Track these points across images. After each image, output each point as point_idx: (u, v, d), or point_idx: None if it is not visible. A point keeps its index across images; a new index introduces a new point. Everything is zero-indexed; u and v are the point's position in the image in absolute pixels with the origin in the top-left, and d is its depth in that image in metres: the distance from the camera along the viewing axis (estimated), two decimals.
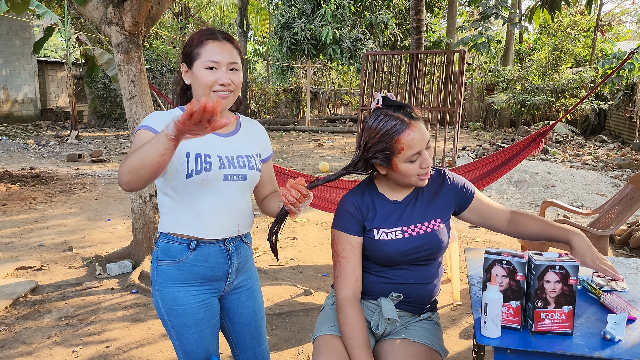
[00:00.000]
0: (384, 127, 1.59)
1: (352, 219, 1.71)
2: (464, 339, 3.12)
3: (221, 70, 1.58)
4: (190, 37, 1.64)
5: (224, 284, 1.75)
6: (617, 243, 5.10)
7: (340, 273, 1.70)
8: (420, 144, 1.59)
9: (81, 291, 3.84)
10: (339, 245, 1.71)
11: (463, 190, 1.77)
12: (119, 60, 4.02)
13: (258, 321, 1.89)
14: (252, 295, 1.86)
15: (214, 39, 1.59)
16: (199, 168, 1.58)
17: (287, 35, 14.47)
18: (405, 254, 1.68)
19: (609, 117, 16.01)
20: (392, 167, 1.65)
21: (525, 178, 7.82)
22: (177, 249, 1.65)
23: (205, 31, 1.62)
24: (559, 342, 1.34)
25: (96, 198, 7.12)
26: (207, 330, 1.73)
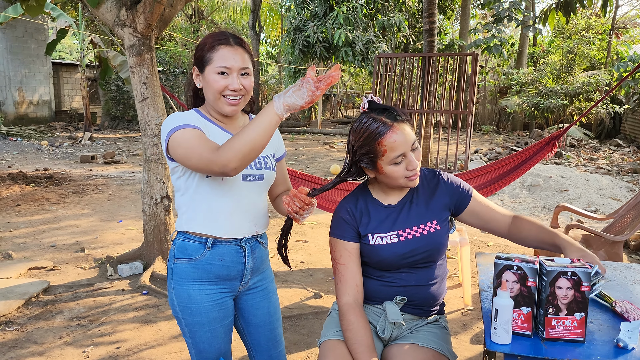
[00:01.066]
0: (367, 130, 1.60)
1: (346, 226, 1.72)
2: (475, 344, 3.08)
3: (233, 75, 1.59)
4: (203, 41, 1.64)
5: (239, 284, 1.77)
6: (631, 249, 5.02)
7: (339, 280, 1.70)
8: (404, 146, 1.59)
9: (92, 292, 3.87)
10: (336, 253, 1.72)
11: (459, 190, 1.75)
12: (131, 63, 4.04)
13: (273, 323, 1.89)
14: (266, 296, 1.86)
15: (226, 44, 1.59)
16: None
17: (299, 38, 14.48)
18: (402, 257, 1.67)
19: (625, 120, 15.81)
20: (378, 170, 1.65)
21: (538, 182, 7.74)
22: (194, 247, 1.67)
23: (217, 35, 1.62)
24: (570, 349, 1.32)
25: (108, 199, 7.17)
26: (220, 330, 1.73)
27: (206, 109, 1.71)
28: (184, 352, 2.98)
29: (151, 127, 4.11)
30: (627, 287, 1.74)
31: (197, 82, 1.66)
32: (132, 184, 8.32)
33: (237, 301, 1.84)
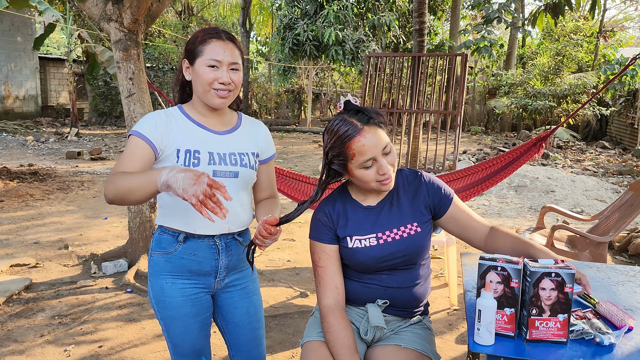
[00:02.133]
0: (337, 132, 1.57)
1: (324, 228, 1.70)
2: (460, 344, 3.09)
3: (222, 69, 1.61)
4: (195, 34, 1.66)
5: (214, 280, 1.76)
6: (616, 249, 5.06)
7: (319, 282, 1.69)
8: (373, 150, 1.55)
9: (75, 290, 3.82)
10: (315, 255, 1.71)
11: (440, 192, 1.71)
12: (117, 58, 3.99)
13: (254, 323, 1.87)
14: (246, 295, 1.84)
15: (217, 38, 1.62)
16: (187, 163, 1.61)
17: (289, 36, 14.44)
18: (380, 260, 1.65)
19: (611, 123, 15.98)
20: (349, 173, 1.62)
21: (525, 183, 7.79)
22: (168, 241, 1.69)
23: (209, 30, 1.65)
24: (553, 350, 1.31)
25: (94, 196, 7.10)
26: (193, 326, 1.73)
27: (192, 104, 1.71)
28: (166, 352, 2.95)
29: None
30: (610, 288, 1.74)
31: (187, 74, 1.67)
32: None
33: (215, 298, 1.83)
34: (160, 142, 1.60)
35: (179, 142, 1.62)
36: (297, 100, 21.74)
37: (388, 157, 1.60)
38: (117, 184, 1.45)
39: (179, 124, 1.66)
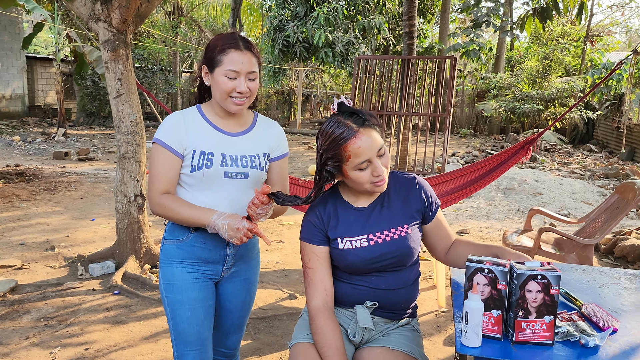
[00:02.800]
0: (332, 135, 1.58)
1: (314, 229, 1.70)
2: (448, 346, 3.10)
3: (240, 78, 1.68)
4: (214, 42, 1.72)
5: (222, 268, 1.85)
6: (602, 252, 5.12)
7: (308, 284, 1.70)
8: (369, 152, 1.57)
9: (62, 291, 3.78)
10: (305, 256, 1.72)
11: (430, 200, 1.74)
12: (106, 58, 3.97)
13: (244, 311, 1.99)
14: (247, 286, 1.95)
15: (236, 48, 1.67)
16: (200, 164, 1.72)
17: (279, 38, 14.43)
18: (370, 262, 1.66)
19: (597, 126, 16.15)
20: (344, 175, 1.63)
21: (513, 185, 7.85)
22: (180, 230, 1.80)
23: (228, 38, 1.70)
24: (539, 352, 1.32)
25: (81, 197, 7.04)
26: (200, 311, 1.80)
27: (210, 105, 1.81)
28: (154, 354, 2.93)
29: (125, 124, 4.04)
30: (595, 290, 1.76)
31: (206, 80, 1.74)
32: (106, 182, 8.18)
33: (218, 286, 1.91)
34: (181, 146, 1.73)
35: (196, 144, 1.73)
36: (287, 101, 21.73)
37: (382, 159, 1.61)
38: (166, 209, 1.71)
39: (197, 126, 1.76)
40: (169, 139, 1.72)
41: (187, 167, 1.74)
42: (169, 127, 1.73)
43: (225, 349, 2.03)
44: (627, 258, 4.84)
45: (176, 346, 1.83)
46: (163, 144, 1.72)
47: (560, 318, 1.46)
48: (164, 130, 1.73)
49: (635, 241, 4.89)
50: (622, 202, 3.80)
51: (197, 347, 1.82)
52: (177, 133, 1.72)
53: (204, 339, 1.83)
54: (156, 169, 1.73)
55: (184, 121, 1.75)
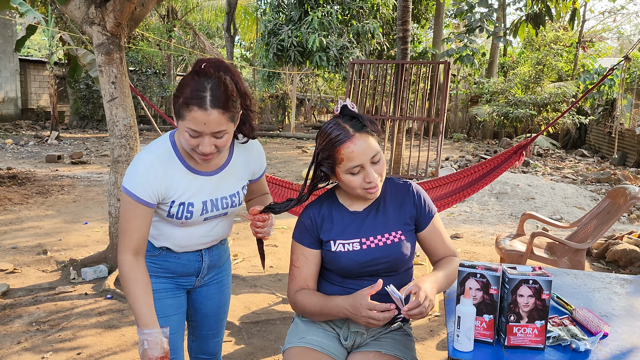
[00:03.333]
0: (329, 136, 1.59)
1: (306, 232, 1.72)
2: (441, 350, 3.11)
3: (203, 138, 1.48)
4: (181, 86, 1.48)
5: (195, 279, 1.83)
6: (594, 256, 5.15)
7: (292, 280, 1.75)
8: (362, 157, 1.57)
9: (54, 296, 3.76)
10: (294, 255, 1.76)
11: (423, 207, 1.73)
12: (100, 61, 3.96)
13: (220, 315, 1.96)
14: (220, 288, 1.93)
15: (199, 107, 1.43)
16: (180, 215, 1.64)
17: (273, 42, 14.44)
18: (362, 265, 1.66)
19: (590, 131, 16.26)
20: (336, 177, 1.65)
21: (506, 190, 7.88)
22: (151, 245, 1.75)
23: (194, 89, 1.44)
24: (530, 356, 1.33)
25: (74, 200, 7.00)
26: (174, 318, 1.78)
27: None
28: None
29: (119, 127, 4.03)
30: (587, 295, 1.78)
31: (175, 123, 1.55)
32: (99, 185, 8.14)
33: (191, 292, 1.89)
34: (157, 197, 1.58)
35: (174, 195, 1.61)
36: (281, 105, 21.74)
37: (376, 166, 1.61)
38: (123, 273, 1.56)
39: (174, 172, 1.60)
40: (141, 192, 1.54)
41: (164, 212, 1.64)
42: (142, 177, 1.54)
43: (206, 355, 2.00)
44: (619, 262, 4.87)
45: None
46: (135, 197, 1.54)
47: (551, 322, 1.47)
48: (136, 181, 1.54)
49: (626, 246, 4.92)
50: (613, 206, 3.83)
51: (172, 355, 1.77)
52: (152, 184, 1.55)
53: (177, 347, 1.80)
54: (127, 223, 1.56)
55: (160, 169, 1.57)
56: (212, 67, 1.48)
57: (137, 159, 1.58)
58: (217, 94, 1.44)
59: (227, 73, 1.49)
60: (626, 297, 1.77)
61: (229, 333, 3.25)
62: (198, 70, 1.47)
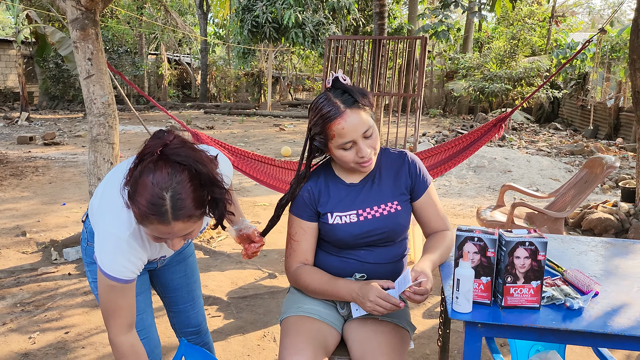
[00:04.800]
0: (320, 112, 1.57)
1: (304, 205, 1.72)
2: (427, 319, 3.18)
3: (172, 239, 1.34)
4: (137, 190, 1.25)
5: (156, 263, 1.80)
6: (570, 225, 5.29)
7: (290, 254, 1.75)
8: (353, 133, 1.55)
9: (37, 277, 3.71)
10: (292, 229, 1.75)
11: (418, 176, 1.73)
12: (74, 37, 3.85)
13: (190, 285, 1.94)
14: (182, 260, 1.91)
15: (160, 222, 1.25)
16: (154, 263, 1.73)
17: (248, 18, 14.21)
18: (359, 237, 1.68)
19: (562, 105, 16.55)
20: (329, 151, 1.65)
21: (483, 163, 8.00)
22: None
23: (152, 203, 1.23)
24: (527, 315, 1.37)
25: (50, 182, 6.86)
26: (139, 298, 1.72)
27: None
28: None
29: (97, 105, 3.94)
30: (575, 257, 1.83)
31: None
32: (75, 166, 7.98)
33: (155, 272, 1.88)
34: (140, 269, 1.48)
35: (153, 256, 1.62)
36: (256, 83, 21.51)
37: (369, 140, 1.60)
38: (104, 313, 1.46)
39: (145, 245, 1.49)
40: (126, 274, 1.42)
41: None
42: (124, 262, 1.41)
43: (191, 327, 1.99)
44: (594, 231, 5.01)
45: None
46: (121, 281, 1.42)
47: (545, 283, 1.52)
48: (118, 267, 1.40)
49: (601, 214, 5.06)
50: (590, 176, 3.93)
51: (143, 336, 1.71)
52: (135, 264, 1.45)
53: (147, 325, 1.76)
54: (114, 304, 1.43)
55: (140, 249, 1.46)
56: (173, 157, 1.24)
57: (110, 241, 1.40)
58: (180, 204, 1.24)
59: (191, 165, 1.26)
60: (611, 259, 1.83)
61: (218, 308, 3.26)
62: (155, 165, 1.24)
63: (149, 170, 1.23)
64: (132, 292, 1.47)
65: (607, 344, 1.35)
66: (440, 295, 3.04)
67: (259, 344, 2.85)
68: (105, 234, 1.40)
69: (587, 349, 2.77)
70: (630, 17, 26.96)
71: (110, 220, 1.41)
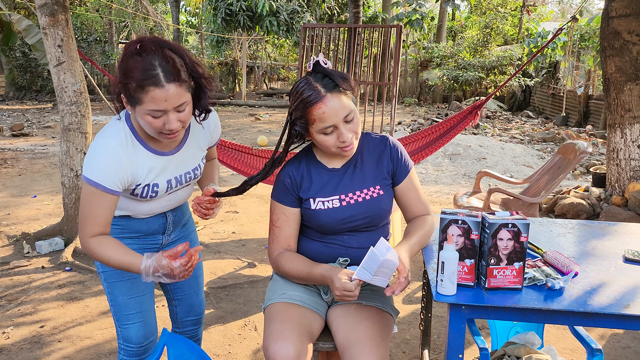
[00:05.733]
0: (301, 96, 1.56)
1: (286, 191, 1.71)
2: (407, 304, 3.20)
3: (167, 115, 1.44)
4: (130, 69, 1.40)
5: (162, 237, 1.81)
6: (543, 211, 5.39)
7: (272, 240, 1.74)
8: (334, 118, 1.54)
9: (8, 270, 3.61)
10: (274, 215, 1.74)
11: (402, 161, 1.73)
12: (43, 24, 3.73)
13: (196, 270, 1.93)
14: (187, 235, 1.91)
15: (155, 85, 1.38)
16: (145, 194, 1.63)
17: (221, 6, 14.02)
18: (341, 222, 1.67)
19: (534, 93, 16.80)
20: (310, 136, 1.63)
21: (459, 151, 8.08)
22: None
23: (144, 70, 1.38)
24: (510, 296, 1.39)
25: (19, 174, 6.68)
26: (138, 281, 1.73)
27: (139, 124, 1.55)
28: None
29: (68, 93, 3.84)
30: (554, 239, 1.86)
31: (128, 109, 1.49)
32: (45, 158, 7.79)
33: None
34: (122, 185, 1.54)
35: (139, 179, 1.58)
36: (231, 73, 21.26)
37: (350, 124, 1.59)
38: (95, 255, 1.53)
39: (138, 156, 1.56)
40: (107, 181, 1.49)
41: (127, 192, 1.60)
42: (106, 165, 1.49)
43: (193, 315, 2.00)
44: (567, 215, 5.12)
45: (118, 321, 1.76)
46: (101, 187, 1.49)
47: (526, 265, 1.54)
48: (100, 170, 1.48)
49: (573, 199, 5.17)
50: (564, 162, 4.00)
51: (139, 318, 1.75)
52: (118, 172, 1.50)
53: (145, 309, 1.78)
54: (89, 210, 1.51)
55: (125, 155, 1.52)
56: (151, 44, 1.41)
57: (98, 147, 1.51)
58: (168, 68, 1.40)
59: (167, 46, 1.44)
60: (589, 240, 1.87)
61: None
62: (138, 50, 1.41)
63: (135, 54, 1.41)
64: (110, 206, 1.53)
65: (588, 322, 1.38)
66: (421, 281, 3.07)
67: (239, 334, 2.83)
68: (95, 144, 1.52)
69: (563, 330, 2.84)
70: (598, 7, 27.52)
71: (101, 134, 1.55)
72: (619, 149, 4.95)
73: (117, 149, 1.51)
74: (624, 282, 1.50)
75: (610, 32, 4.81)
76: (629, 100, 4.80)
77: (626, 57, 4.74)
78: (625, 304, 1.36)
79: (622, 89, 4.80)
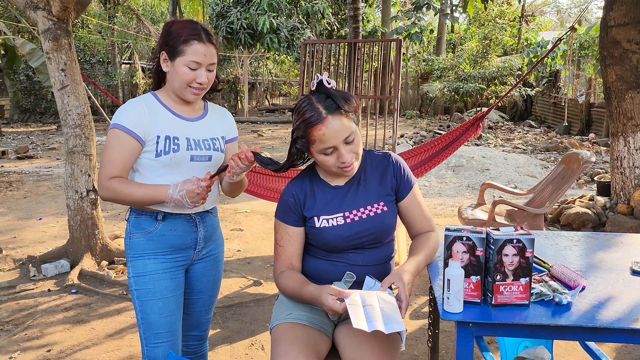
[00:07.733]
0: (303, 116, 1.57)
1: (289, 210, 1.71)
2: (415, 320, 3.18)
3: (201, 70, 1.70)
4: (177, 30, 1.70)
5: (193, 252, 1.86)
6: (549, 221, 5.37)
7: (276, 259, 1.75)
8: (334, 140, 1.55)
9: (15, 294, 3.61)
10: (278, 234, 1.75)
11: (403, 177, 1.74)
12: (47, 48, 3.77)
13: (214, 290, 2.00)
14: (216, 264, 1.97)
15: (199, 40, 1.68)
16: (167, 149, 1.71)
17: (222, 25, 14.12)
18: (347, 239, 1.67)
19: (535, 103, 16.83)
20: (311, 155, 1.65)
21: (462, 163, 8.08)
22: (147, 222, 1.77)
23: (191, 28, 1.70)
24: (517, 313, 1.38)
25: (25, 196, 6.71)
26: (171, 300, 1.79)
27: (165, 91, 1.80)
28: (121, 350, 2.86)
29: (72, 117, 3.87)
30: (560, 252, 1.85)
31: (164, 66, 1.73)
32: (50, 179, 7.82)
33: (188, 269, 1.91)
34: (145, 132, 1.70)
35: (160, 130, 1.72)
36: (233, 90, 21.39)
37: (350, 145, 1.59)
38: (116, 192, 1.66)
39: (158, 111, 1.75)
40: (132, 125, 1.68)
41: (151, 152, 1.71)
42: (132, 112, 1.70)
43: (198, 331, 2.03)
44: (573, 225, 5.10)
45: (145, 340, 1.78)
46: (125, 129, 1.68)
47: (532, 280, 1.53)
48: (126, 116, 1.69)
49: (579, 209, 5.15)
50: (568, 171, 4.00)
51: (167, 338, 1.79)
52: (141, 119, 1.69)
53: (174, 329, 1.81)
54: (112, 155, 1.69)
55: (147, 107, 1.73)
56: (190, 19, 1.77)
57: (124, 105, 1.75)
58: (208, 32, 1.73)
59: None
60: (595, 253, 1.86)
61: None
62: (182, 20, 1.75)
63: (182, 21, 1.73)
64: (131, 153, 1.69)
65: (596, 337, 1.37)
66: (427, 296, 3.06)
67: (246, 353, 2.82)
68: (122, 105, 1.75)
69: (573, 344, 2.81)
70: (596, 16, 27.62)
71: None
72: (622, 157, 4.95)
73: (139, 101, 1.74)
74: (632, 295, 1.48)
75: (609, 41, 4.83)
76: (631, 109, 4.81)
77: (626, 66, 4.75)
78: (635, 318, 1.34)
79: (624, 97, 4.81)
